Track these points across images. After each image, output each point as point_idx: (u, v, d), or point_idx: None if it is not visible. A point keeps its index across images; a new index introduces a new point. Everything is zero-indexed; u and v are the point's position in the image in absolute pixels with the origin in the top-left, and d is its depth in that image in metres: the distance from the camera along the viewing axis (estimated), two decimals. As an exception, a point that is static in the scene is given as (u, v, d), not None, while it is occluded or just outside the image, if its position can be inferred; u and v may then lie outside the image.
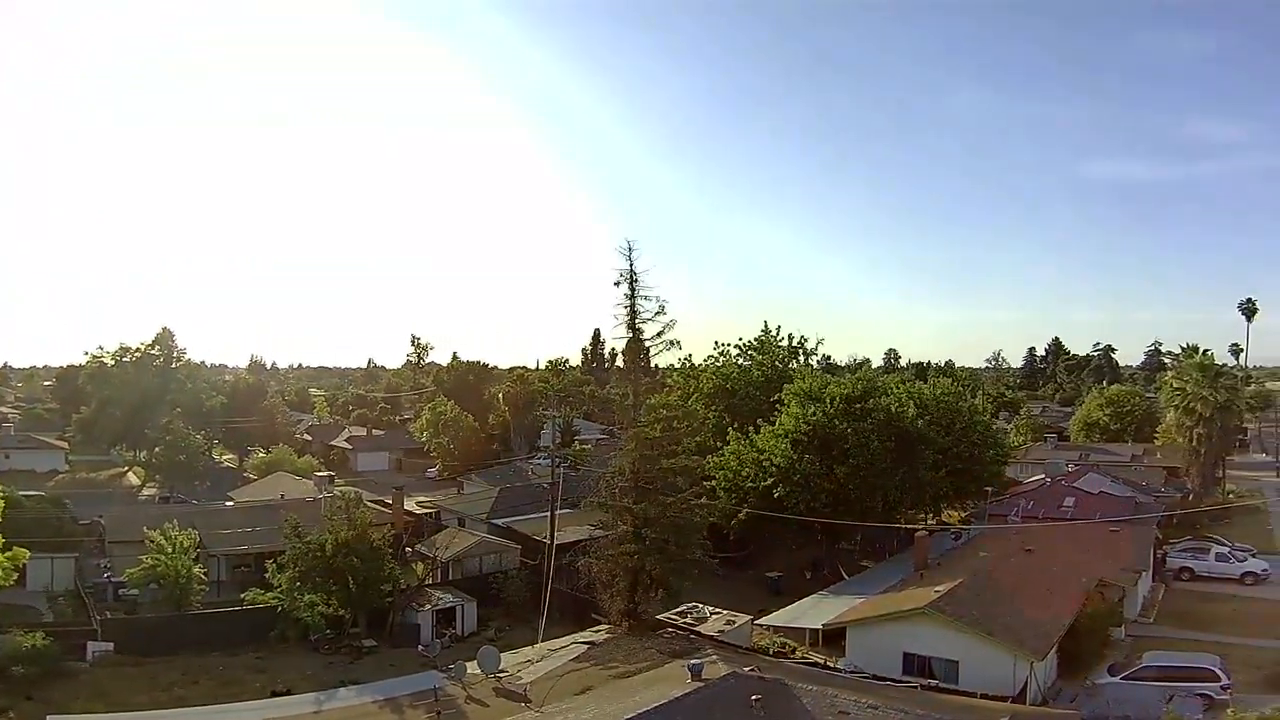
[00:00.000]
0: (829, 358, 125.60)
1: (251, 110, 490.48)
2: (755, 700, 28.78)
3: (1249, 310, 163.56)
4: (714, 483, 62.09)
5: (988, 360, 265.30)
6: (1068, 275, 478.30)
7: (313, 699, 40.93)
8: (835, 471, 60.85)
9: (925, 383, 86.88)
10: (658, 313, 51.80)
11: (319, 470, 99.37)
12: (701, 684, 32.03)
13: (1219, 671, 39.20)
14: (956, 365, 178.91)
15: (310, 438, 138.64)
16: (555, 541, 54.70)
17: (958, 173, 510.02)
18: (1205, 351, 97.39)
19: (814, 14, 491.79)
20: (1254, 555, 63.05)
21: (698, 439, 59.69)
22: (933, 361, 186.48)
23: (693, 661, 35.55)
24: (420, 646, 49.15)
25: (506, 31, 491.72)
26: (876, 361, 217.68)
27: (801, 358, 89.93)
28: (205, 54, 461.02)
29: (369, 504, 61.10)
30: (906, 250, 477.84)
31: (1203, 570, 61.49)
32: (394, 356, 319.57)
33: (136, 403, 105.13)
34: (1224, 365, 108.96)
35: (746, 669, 34.49)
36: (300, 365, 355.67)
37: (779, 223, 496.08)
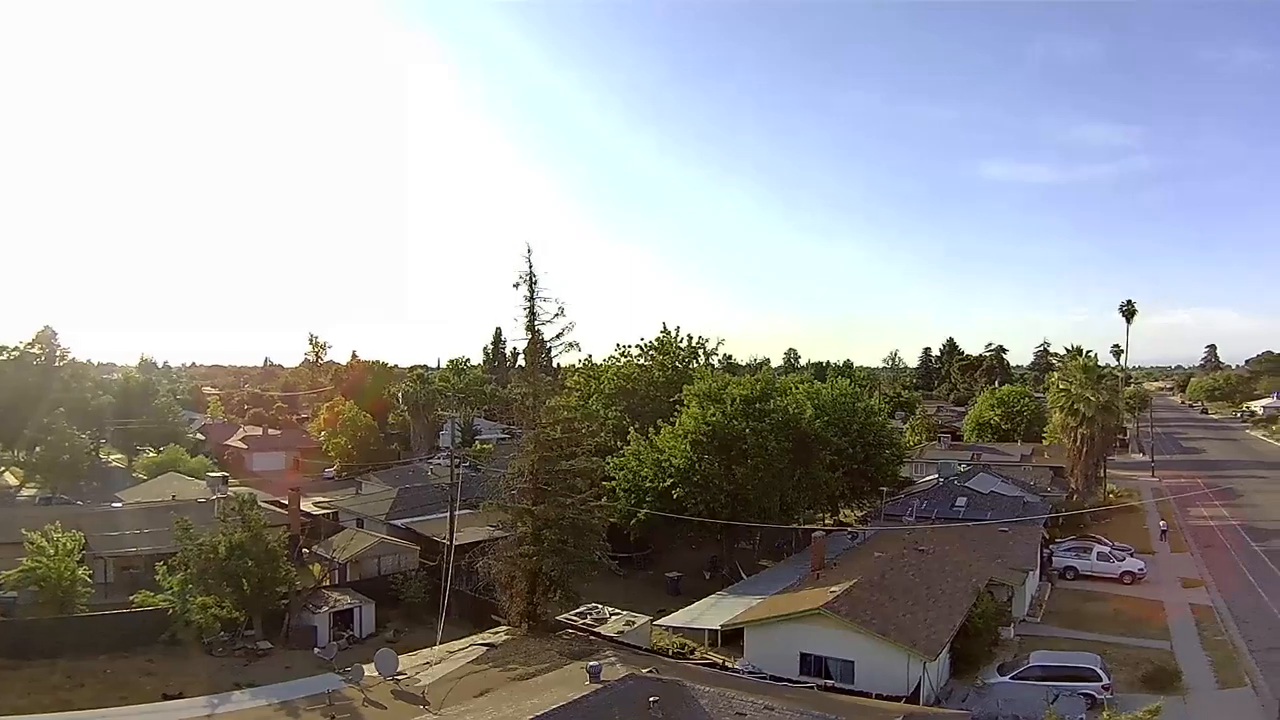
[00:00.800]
0: (730, 357, 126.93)
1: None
2: (653, 702, 28.95)
3: (1129, 312, 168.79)
4: (614, 483, 62.36)
5: (885, 360, 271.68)
6: (964, 276, 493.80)
7: (205, 703, 40.05)
8: (734, 472, 61.51)
9: (824, 383, 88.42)
10: (557, 314, 52.13)
11: (212, 470, 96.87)
12: (600, 686, 31.99)
13: (1100, 671, 40.63)
14: (854, 365, 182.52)
15: (203, 437, 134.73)
16: (455, 542, 54.27)
17: (853, 175, 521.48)
18: (1089, 353, 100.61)
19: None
20: (1132, 555, 65.51)
21: (598, 439, 59.82)
22: (832, 361, 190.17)
23: (592, 663, 35.53)
24: (317, 649, 48.29)
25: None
26: (776, 361, 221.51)
27: (701, 358, 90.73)
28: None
29: (264, 505, 59.95)
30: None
31: (1086, 569, 63.60)
32: (291, 355, 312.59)
33: (13, 401, 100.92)
34: (1106, 367, 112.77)
35: (645, 670, 34.67)
36: (194, 364, 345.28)
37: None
